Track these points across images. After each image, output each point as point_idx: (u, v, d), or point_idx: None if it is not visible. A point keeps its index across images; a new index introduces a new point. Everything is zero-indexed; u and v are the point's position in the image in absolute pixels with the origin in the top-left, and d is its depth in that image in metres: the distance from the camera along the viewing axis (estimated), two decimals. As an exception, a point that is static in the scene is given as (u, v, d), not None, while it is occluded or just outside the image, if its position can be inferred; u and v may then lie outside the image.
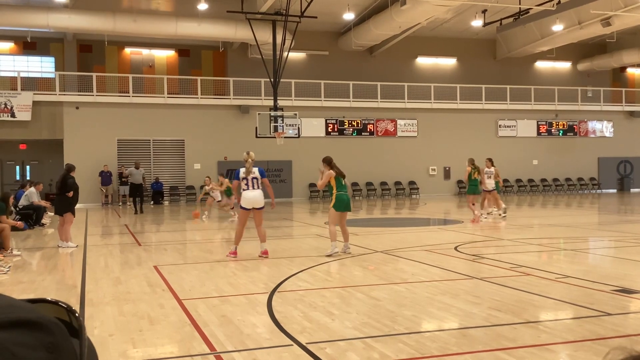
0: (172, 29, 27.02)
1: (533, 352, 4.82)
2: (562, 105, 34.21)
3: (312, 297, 7.12)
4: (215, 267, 9.61)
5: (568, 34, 29.73)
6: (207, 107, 29.05)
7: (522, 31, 31.47)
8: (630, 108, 35.60)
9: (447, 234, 14.25)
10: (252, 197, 10.25)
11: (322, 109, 30.52)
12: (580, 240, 12.68)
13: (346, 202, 10.62)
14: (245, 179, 10.32)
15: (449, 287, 7.66)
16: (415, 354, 4.80)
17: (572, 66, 36.92)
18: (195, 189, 29.04)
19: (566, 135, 34.53)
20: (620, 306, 6.43)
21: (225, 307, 6.67)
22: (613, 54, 35.19)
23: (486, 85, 32.98)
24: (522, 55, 34.73)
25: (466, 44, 34.41)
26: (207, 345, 5.20)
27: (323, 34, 32.24)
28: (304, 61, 32.49)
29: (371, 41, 31.29)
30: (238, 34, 27.62)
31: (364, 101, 31.08)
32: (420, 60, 34.41)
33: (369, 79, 31.58)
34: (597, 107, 34.94)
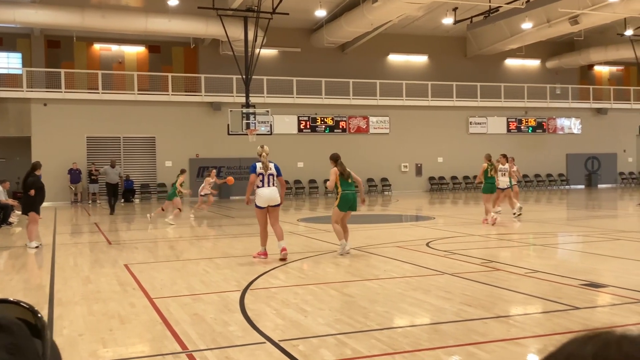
0: (142, 24, 26.68)
1: (503, 346, 4.89)
2: (531, 103, 34.73)
3: (285, 294, 7.11)
4: (187, 265, 9.53)
5: (537, 32, 30.16)
6: (178, 104, 28.79)
7: (492, 29, 31.83)
8: (598, 105, 36.29)
9: (419, 230, 14.36)
10: (269, 194, 9.67)
11: (295, 106, 30.48)
12: (549, 236, 12.88)
13: (351, 201, 10.18)
14: (261, 175, 9.71)
15: (421, 283, 7.72)
16: (387, 350, 4.82)
17: (541, 64, 37.48)
18: (166, 186, 28.76)
19: (535, 132, 35.06)
20: (588, 300, 6.55)
21: (197, 305, 6.62)
22: (581, 52, 35.81)
23: (457, 83, 33.30)
24: (492, 53, 35.14)
25: (437, 42, 34.69)
26: (178, 344, 5.15)
27: (295, 31, 32.18)
28: (276, 58, 32.39)
29: (343, 38, 31.33)
30: (209, 30, 27.42)
31: (336, 98, 31.12)
32: (392, 58, 34.58)
33: (341, 76, 31.64)
34: (565, 104, 35.56)
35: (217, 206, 24.57)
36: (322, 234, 13.83)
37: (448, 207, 23.37)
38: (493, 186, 15.22)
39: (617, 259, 9.44)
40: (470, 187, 33.38)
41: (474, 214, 19.12)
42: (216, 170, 21.35)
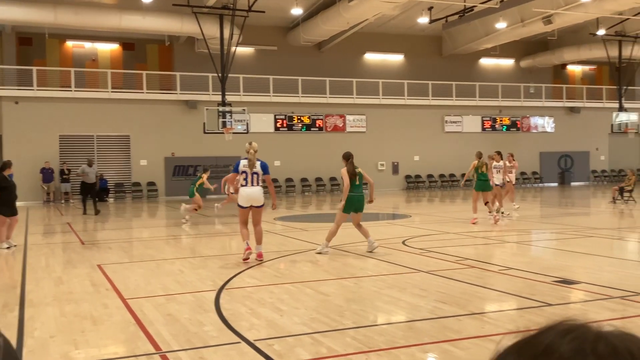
0: (116, 21, 26.36)
1: (477, 342, 4.92)
2: (506, 102, 35.08)
3: (261, 294, 7.08)
4: (162, 265, 9.43)
5: (511, 31, 30.47)
6: (153, 102, 28.51)
7: (467, 28, 32.09)
8: (571, 104, 36.80)
9: (396, 229, 14.42)
10: (251, 193, 9.21)
11: (271, 104, 30.40)
12: (523, 233, 13.03)
13: (356, 203, 9.91)
14: (245, 173, 9.23)
15: (397, 280, 7.74)
16: (362, 348, 4.82)
17: (515, 63, 37.89)
18: (141, 185, 28.50)
19: (509, 131, 35.43)
20: (561, 296, 6.63)
21: (172, 305, 6.56)
22: (554, 51, 36.28)
23: (433, 82, 33.50)
24: (467, 52, 35.42)
25: (413, 41, 34.87)
26: (152, 345, 5.09)
27: (271, 29, 32.08)
28: (252, 56, 32.26)
29: (320, 37, 31.32)
30: (184, 28, 27.19)
31: (313, 97, 31.11)
32: (369, 56, 34.66)
33: (318, 75, 31.63)
34: (538, 103, 36.00)
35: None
36: (298, 232, 13.82)
37: (424, 205, 23.52)
38: (485, 183, 14.86)
39: (589, 256, 9.58)
40: (447, 185, 33.62)
41: (450, 212, 19.30)
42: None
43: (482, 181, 14.81)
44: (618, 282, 7.20)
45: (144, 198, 28.32)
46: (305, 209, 23.15)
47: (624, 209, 18.38)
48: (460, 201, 24.31)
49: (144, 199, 28.15)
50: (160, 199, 28.46)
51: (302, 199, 27.93)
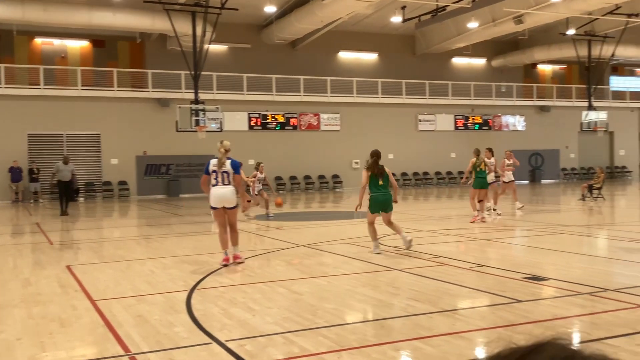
0: (85, 18, 25.94)
1: (448, 340, 4.95)
2: (478, 100, 35.44)
3: (233, 294, 7.03)
4: (132, 266, 9.31)
5: (483, 31, 30.78)
6: (124, 100, 28.15)
7: (439, 28, 32.32)
8: (541, 103, 37.34)
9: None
10: (221, 194, 8.82)
11: (245, 102, 30.25)
12: (494, 230, 13.16)
13: (382, 202, 9.63)
14: (215, 172, 8.89)
15: (370, 279, 7.75)
16: (334, 347, 4.81)
17: (487, 62, 38.29)
18: (112, 184, 28.13)
19: (482, 129, 35.81)
20: (530, 293, 6.71)
21: (142, 306, 6.47)
22: (525, 51, 36.76)
23: (406, 80, 33.69)
24: (440, 51, 35.69)
25: (387, 40, 35.01)
26: (121, 347, 5.02)
27: (245, 27, 31.91)
28: (225, 54, 32.05)
29: (293, 35, 31.25)
30: (156, 25, 26.89)
31: (287, 95, 31.04)
32: (342, 55, 34.71)
33: (292, 73, 31.57)
34: (510, 102, 36.43)
35: (165, 204, 24.17)
36: (273, 231, 13.77)
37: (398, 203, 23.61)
38: (484, 181, 14.49)
39: (559, 253, 9.71)
40: (421, 183, 33.84)
41: (424, 209, 19.42)
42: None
43: (480, 179, 14.43)
44: (587, 279, 7.31)
45: (115, 197, 27.97)
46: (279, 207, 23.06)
47: (593, 206, 18.70)
48: (433, 199, 24.50)
49: (115, 199, 27.80)
50: (132, 198, 28.13)
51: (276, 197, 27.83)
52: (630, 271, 8.14)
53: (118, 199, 27.83)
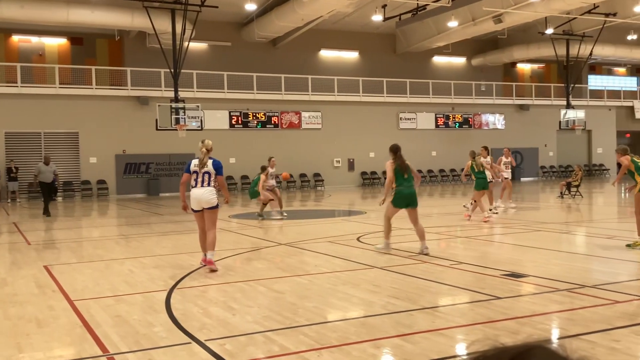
0: (63, 15, 25.61)
1: (427, 337, 4.97)
2: (458, 99, 35.68)
3: (213, 293, 6.99)
4: (111, 266, 9.22)
5: (463, 30, 30.98)
6: (103, 98, 27.86)
7: (420, 27, 32.46)
8: (520, 101, 37.68)
9: (351, 225, 14.46)
10: (200, 195, 8.45)
11: (226, 100, 30.11)
12: (474, 228, 13.24)
13: (408, 197, 9.26)
14: (195, 173, 8.57)
15: (351, 277, 7.76)
16: (315, 345, 4.81)
17: (467, 61, 38.55)
18: (91, 183, 27.83)
19: (462, 128, 36.04)
20: (509, 290, 6.76)
21: (121, 306, 6.41)
22: (504, 50, 37.07)
23: (387, 79, 33.79)
24: (421, 50, 35.85)
25: (367, 38, 35.08)
26: (99, 347, 4.96)
27: (225, 25, 31.77)
28: (206, 52, 31.89)
29: (274, 33, 31.18)
30: (135, 23, 26.64)
31: (268, 93, 30.96)
32: (324, 53, 34.71)
33: (273, 71, 31.49)
34: (489, 100, 36.71)
35: (145, 203, 23.99)
36: (253, 230, 13.73)
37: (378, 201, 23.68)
38: (485, 181, 14.41)
39: (537, 250, 9.81)
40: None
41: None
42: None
43: (480, 179, 14.36)
44: (565, 275, 7.39)
45: (94, 197, 27.69)
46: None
47: (571, 204, 18.91)
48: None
49: (93, 198, 27.52)
50: (111, 197, 27.87)
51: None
52: (607, 268, 8.24)
53: (97, 198, 27.55)
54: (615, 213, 17.92)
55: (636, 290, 6.59)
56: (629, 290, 6.53)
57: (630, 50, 37.66)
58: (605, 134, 40.25)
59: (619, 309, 5.76)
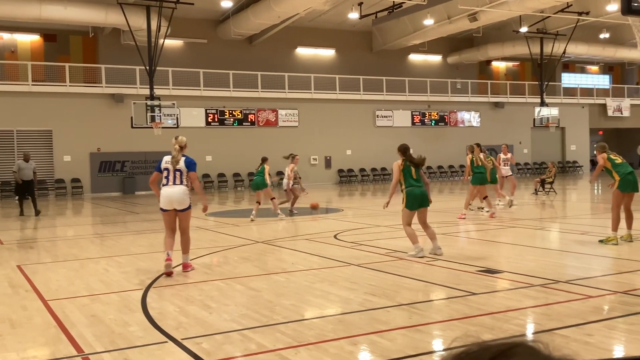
0: (36, 12, 25.19)
1: (404, 333, 5.00)
2: (434, 97, 35.91)
3: (190, 291, 6.95)
4: (86, 265, 9.11)
5: (438, 28, 31.18)
6: (77, 96, 27.49)
7: (396, 24, 32.60)
8: (495, 99, 38.05)
9: (328, 223, 14.48)
10: (171, 194, 7.97)
11: (202, 98, 29.92)
12: (450, 225, 13.35)
13: (420, 197, 8.88)
14: (167, 170, 8.12)
15: (328, 274, 7.77)
16: (292, 343, 4.81)
17: (443, 59, 38.81)
18: (65, 182, 27.45)
19: (438, 125, 36.30)
20: (484, 285, 6.83)
21: (96, 306, 6.34)
22: (479, 48, 37.41)
23: (364, 77, 33.88)
24: (397, 48, 36.00)
25: (344, 36, 35.12)
26: (74, 348, 4.91)
27: (201, 22, 31.55)
28: (181, 49, 31.64)
29: (250, 30, 31.05)
30: (109, 19, 26.31)
31: (244, 91, 30.84)
32: (300, 51, 34.67)
33: (249, 69, 31.37)
34: (465, 98, 37.03)
35: (121, 202, 23.74)
36: (230, 228, 13.67)
37: (356, 199, 23.77)
38: (483, 176, 14.39)
39: (512, 246, 9.93)
40: (379, 178, 34.09)
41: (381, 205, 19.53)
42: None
43: (479, 174, 14.33)
44: (539, 271, 7.49)
45: (68, 195, 27.32)
46: (238, 204, 22.97)
47: (545, 200, 19.17)
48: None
49: (68, 197, 27.15)
50: (86, 196, 27.53)
51: (235, 194, 27.68)
52: (580, 263, 8.37)
53: (71, 197, 27.19)
54: (589, 209, 18.22)
55: (609, 285, 6.70)
56: (602, 285, 6.64)
57: (603, 49, 38.26)
58: (579, 131, 40.86)
59: (592, 304, 5.86)
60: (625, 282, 6.80)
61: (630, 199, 9.73)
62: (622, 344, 4.75)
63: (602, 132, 43.46)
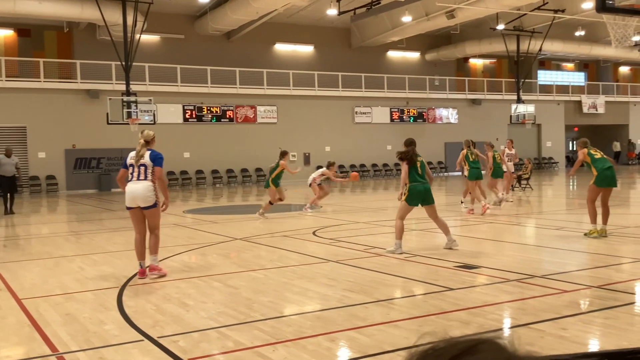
0: (10, 6, 24.71)
1: (382, 329, 5.01)
2: (412, 93, 36.04)
3: (167, 289, 6.89)
4: (61, 263, 8.98)
5: (416, 25, 31.29)
6: (51, 92, 27.07)
7: (374, 21, 32.64)
8: (473, 96, 38.34)
9: (307, 219, 14.48)
10: (134, 190, 7.50)
11: (179, 94, 29.67)
12: (428, 221, 13.40)
13: (423, 193, 8.85)
14: (132, 166, 7.70)
15: (306, 271, 7.76)
16: (270, 340, 4.79)
17: (421, 56, 38.97)
18: (40, 179, 27.04)
19: (416, 122, 36.45)
20: (462, 281, 6.87)
21: (70, 304, 6.25)
22: (457, 45, 37.62)
23: (342, 73, 33.88)
24: (375, 45, 36.06)
25: (323, 32, 35.08)
26: (48, 347, 4.83)
27: (178, 17, 31.27)
28: (158, 44, 31.33)
29: (228, 26, 30.86)
30: (84, 14, 25.93)
31: (222, 87, 30.64)
32: (279, 47, 34.55)
33: (227, 65, 31.18)
34: (443, 95, 37.24)
35: (96, 199, 23.47)
36: (208, 225, 13.59)
37: (335, 195, 23.77)
38: (479, 171, 14.37)
39: (489, 241, 10.02)
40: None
41: (361, 201, 19.63)
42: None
43: (474, 169, 14.32)
44: (515, 266, 7.56)
45: (42, 193, 26.93)
46: (216, 201, 22.84)
47: (521, 196, 19.36)
48: (370, 191, 24.77)
49: (42, 194, 26.76)
50: (61, 193, 27.16)
51: (213, 190, 27.53)
52: (556, 258, 8.47)
53: (46, 194, 26.80)
54: (564, 205, 18.45)
55: (583, 280, 6.79)
56: (577, 280, 6.72)
57: (578, 46, 38.73)
58: (554, 128, 41.34)
59: (567, 298, 5.92)
60: (600, 277, 6.89)
61: (607, 194, 9.88)
62: (596, 338, 4.81)
63: (577, 128, 44.05)
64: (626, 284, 6.48)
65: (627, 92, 44.07)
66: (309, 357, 4.38)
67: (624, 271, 7.28)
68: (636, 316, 5.19)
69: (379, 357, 4.29)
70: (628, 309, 5.43)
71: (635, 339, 4.58)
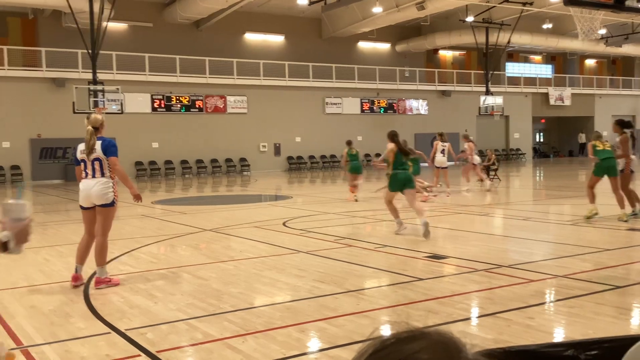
0: (-29, -9, 24.04)
1: (352, 319, 5.02)
2: (383, 85, 36.15)
3: (135, 281, 6.80)
4: (26, 254, 8.77)
5: (387, 16, 31.33)
6: (15, 80, 26.43)
7: (345, 12, 32.56)
8: (442, 87, 38.62)
9: (277, 210, 14.44)
10: (90, 188, 6.60)
11: (148, 83, 29.24)
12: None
13: (402, 180, 9.44)
14: (83, 162, 6.72)
15: (276, 262, 7.74)
16: (239, 331, 4.77)
17: (391, 47, 39.07)
18: (4, 169, 26.45)
19: (387, 113, 36.60)
20: (431, 271, 6.94)
21: (35, 297, 6.13)
22: (427, 36, 37.81)
23: (313, 64, 33.78)
24: (346, 35, 36.03)
25: (293, 22, 34.90)
26: (12, 340, 4.73)
27: (146, 5, 30.78)
28: (126, 33, 30.80)
29: (198, 14, 30.48)
30: (49, 1, 25.34)
31: (192, 77, 30.30)
32: (249, 37, 34.28)
33: (197, 54, 30.82)
34: (413, 86, 37.43)
35: (63, 190, 23.06)
36: (177, 216, 13.46)
37: (306, 186, 23.77)
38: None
39: (457, 232, 10.12)
40: (328, 166, 34.16)
41: (331, 192, 19.65)
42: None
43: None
44: (483, 256, 7.65)
45: (7, 183, 26.34)
46: (186, 191, 22.64)
47: (489, 187, 19.60)
48: (340, 182, 24.80)
49: (7, 184, 26.17)
50: (26, 183, 26.60)
51: (183, 181, 27.27)
52: (522, 248, 8.60)
53: (11, 184, 26.22)
54: (531, 195, 18.76)
55: (549, 269, 6.91)
56: (543, 269, 6.84)
57: (546, 39, 39.26)
58: (522, 119, 41.91)
59: (533, 287, 6.02)
60: (565, 267, 7.02)
61: (612, 183, 10.59)
62: (562, 327, 4.90)
63: (544, 120, 44.75)
64: (590, 274, 6.61)
65: (593, 85, 44.88)
66: (278, 348, 4.37)
67: (589, 260, 7.43)
68: (601, 305, 5.30)
69: (349, 347, 4.30)
70: (593, 298, 5.54)
71: (601, 327, 4.68)
